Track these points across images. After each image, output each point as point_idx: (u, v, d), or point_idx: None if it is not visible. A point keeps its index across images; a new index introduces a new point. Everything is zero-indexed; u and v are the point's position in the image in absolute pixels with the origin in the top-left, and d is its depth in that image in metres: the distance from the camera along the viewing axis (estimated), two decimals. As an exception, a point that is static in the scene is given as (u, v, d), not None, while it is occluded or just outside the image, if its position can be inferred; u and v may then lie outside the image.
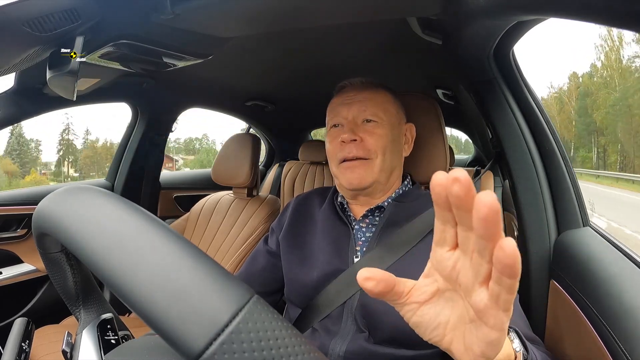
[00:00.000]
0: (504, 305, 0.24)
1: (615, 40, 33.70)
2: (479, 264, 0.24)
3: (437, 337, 0.30)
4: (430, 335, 0.30)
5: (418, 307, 0.30)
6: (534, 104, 0.75)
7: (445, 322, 0.29)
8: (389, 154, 0.66)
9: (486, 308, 0.25)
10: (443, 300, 0.29)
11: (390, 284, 0.28)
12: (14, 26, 0.53)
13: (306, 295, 0.66)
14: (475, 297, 0.25)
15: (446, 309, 0.29)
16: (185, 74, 1.24)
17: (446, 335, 0.29)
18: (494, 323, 0.25)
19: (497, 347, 0.27)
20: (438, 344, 0.30)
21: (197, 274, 0.20)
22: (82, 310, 0.38)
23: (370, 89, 0.69)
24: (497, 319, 0.25)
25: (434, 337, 0.30)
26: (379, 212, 0.68)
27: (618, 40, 34.08)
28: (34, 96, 1.13)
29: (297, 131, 2.40)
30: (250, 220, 1.28)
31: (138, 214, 0.23)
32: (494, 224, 0.22)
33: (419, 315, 0.30)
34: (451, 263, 0.27)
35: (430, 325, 0.29)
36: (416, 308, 0.30)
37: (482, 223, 0.22)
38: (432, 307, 0.29)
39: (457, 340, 0.29)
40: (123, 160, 1.61)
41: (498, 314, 0.25)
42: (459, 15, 0.62)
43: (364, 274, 0.27)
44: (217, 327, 0.18)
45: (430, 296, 0.29)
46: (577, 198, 0.70)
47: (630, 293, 0.47)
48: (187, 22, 0.73)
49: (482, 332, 0.26)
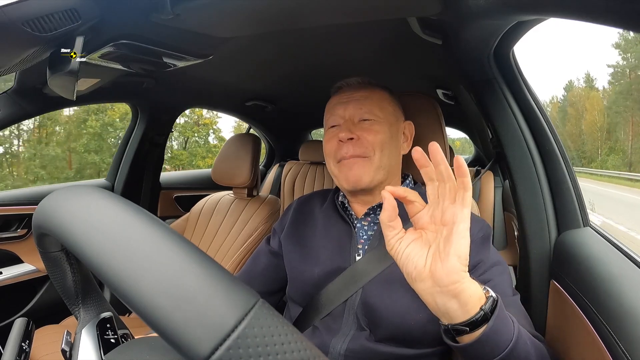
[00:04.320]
0: (466, 202, 0.39)
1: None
2: (442, 188, 0.42)
3: (420, 264, 0.41)
4: (416, 263, 0.41)
5: (410, 242, 0.43)
6: (534, 104, 0.75)
7: (426, 251, 0.42)
8: (387, 151, 0.66)
9: (455, 209, 0.40)
10: (424, 238, 0.43)
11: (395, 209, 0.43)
12: (14, 26, 0.52)
13: (308, 293, 0.66)
14: (448, 210, 0.41)
15: (427, 243, 0.43)
16: (185, 74, 1.24)
17: (427, 261, 0.41)
18: (460, 216, 0.39)
19: (465, 239, 0.39)
20: (420, 274, 0.41)
21: (202, 278, 0.20)
22: (81, 309, 0.38)
23: (367, 87, 0.69)
24: (462, 214, 0.39)
25: (418, 264, 0.41)
26: (380, 210, 0.68)
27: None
28: (34, 96, 1.13)
29: (297, 131, 2.40)
30: (250, 221, 1.28)
31: (142, 216, 0.22)
32: (439, 154, 0.41)
33: (410, 247, 0.43)
34: (428, 213, 0.43)
35: (417, 254, 0.42)
36: (408, 242, 0.43)
37: (432, 156, 0.41)
38: (418, 242, 0.43)
39: (435, 260, 0.40)
40: (123, 160, 1.61)
41: (463, 210, 0.39)
42: (459, 15, 0.62)
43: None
44: (224, 332, 0.18)
45: (417, 237, 0.43)
46: (577, 198, 0.70)
47: (630, 293, 0.47)
48: (187, 22, 0.73)
49: (453, 230, 0.39)
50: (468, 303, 0.39)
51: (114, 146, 13.94)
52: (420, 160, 0.42)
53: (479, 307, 0.40)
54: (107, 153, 13.79)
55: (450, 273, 0.39)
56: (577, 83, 37.88)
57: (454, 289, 0.39)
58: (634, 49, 29.73)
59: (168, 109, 1.67)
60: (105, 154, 13.84)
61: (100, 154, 13.91)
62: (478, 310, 0.40)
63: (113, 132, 14.23)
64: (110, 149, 14.05)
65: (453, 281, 0.39)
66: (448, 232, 0.40)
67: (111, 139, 14.31)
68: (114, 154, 1.68)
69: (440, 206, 0.41)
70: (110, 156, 12.93)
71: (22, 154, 13.55)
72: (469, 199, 0.40)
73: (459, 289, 0.39)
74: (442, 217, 0.41)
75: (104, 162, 13.55)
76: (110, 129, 14.23)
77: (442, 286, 0.39)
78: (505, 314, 0.43)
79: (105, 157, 13.62)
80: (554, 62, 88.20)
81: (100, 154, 13.93)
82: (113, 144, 14.23)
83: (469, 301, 0.40)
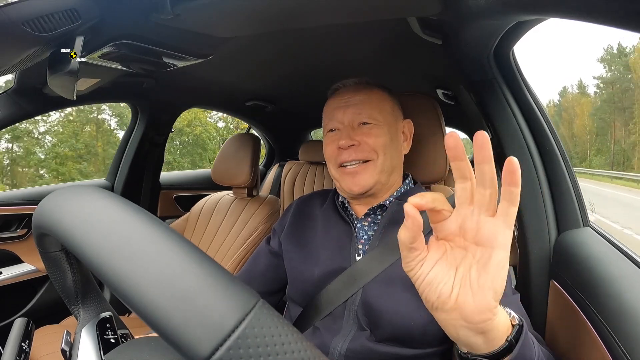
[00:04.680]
0: (509, 221, 0.31)
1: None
2: (481, 194, 0.32)
3: (445, 292, 0.33)
4: (440, 292, 0.34)
5: (434, 263, 0.34)
6: (534, 104, 0.75)
7: (453, 275, 0.34)
8: (389, 154, 0.66)
9: (496, 227, 0.31)
10: (451, 257, 0.35)
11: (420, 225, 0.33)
12: (14, 26, 0.53)
13: (308, 293, 0.66)
14: (484, 226, 0.32)
15: (454, 263, 0.34)
16: (185, 74, 1.24)
17: (454, 289, 0.33)
18: (501, 240, 0.31)
19: (504, 270, 0.31)
20: (444, 304, 0.33)
21: (202, 278, 0.20)
22: (81, 309, 0.38)
23: (365, 89, 0.69)
24: (504, 236, 0.31)
25: (443, 293, 0.33)
26: (380, 210, 0.68)
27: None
28: (34, 96, 1.13)
29: (297, 131, 2.40)
30: (250, 221, 1.28)
31: (142, 216, 0.22)
32: (488, 149, 0.30)
33: (434, 271, 0.34)
34: (456, 222, 0.34)
35: (442, 280, 0.34)
36: (432, 264, 0.34)
37: (480, 149, 0.30)
38: (443, 263, 0.34)
39: (464, 289, 0.33)
40: (123, 160, 1.61)
41: (505, 231, 0.31)
42: (459, 15, 0.62)
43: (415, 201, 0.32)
44: (224, 332, 0.18)
45: (442, 254, 0.35)
46: (577, 198, 0.70)
47: (630, 293, 0.47)
48: (187, 22, 0.73)
49: (491, 257, 0.31)
50: (495, 338, 0.35)
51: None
52: (455, 150, 0.32)
53: (505, 338, 0.35)
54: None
55: (483, 311, 0.32)
56: (571, 89, 41.44)
57: (483, 327, 0.33)
58: (617, 62, 33.12)
59: (168, 109, 1.67)
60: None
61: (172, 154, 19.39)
62: (504, 342, 0.35)
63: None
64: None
65: (484, 319, 0.32)
66: (485, 258, 0.32)
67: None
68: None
69: (476, 218, 0.33)
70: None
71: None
72: (513, 218, 0.31)
73: (488, 327, 0.33)
74: (477, 234, 0.33)
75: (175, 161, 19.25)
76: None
77: (469, 322, 0.33)
78: (528, 338, 0.38)
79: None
80: (551, 68, 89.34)
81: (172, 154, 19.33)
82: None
83: (496, 336, 0.35)
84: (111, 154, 12.67)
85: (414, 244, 0.34)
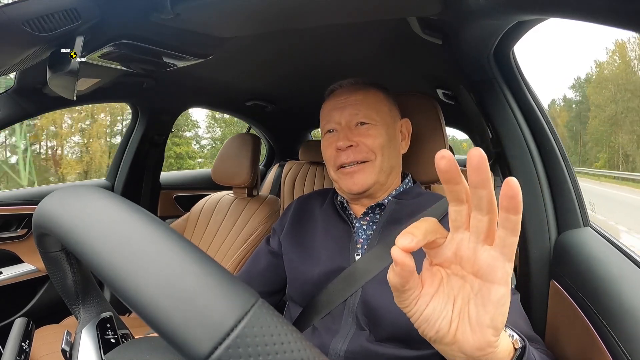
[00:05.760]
0: (509, 253, 0.27)
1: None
2: (478, 220, 0.28)
3: (443, 328, 0.31)
4: (438, 327, 0.31)
5: (430, 298, 0.31)
6: (534, 104, 0.75)
7: (450, 308, 0.31)
8: (387, 154, 0.66)
9: (494, 261, 0.28)
10: (448, 287, 0.31)
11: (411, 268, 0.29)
12: (14, 26, 0.53)
13: (308, 293, 0.66)
14: (481, 257, 0.29)
15: (451, 295, 0.31)
16: (186, 74, 1.24)
17: (452, 323, 0.31)
18: (500, 276, 0.28)
19: (505, 307, 0.29)
20: (442, 339, 0.31)
21: (202, 277, 0.20)
22: (81, 309, 0.38)
23: (362, 90, 0.69)
24: (503, 271, 0.28)
25: (441, 328, 0.31)
26: (379, 209, 0.68)
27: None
28: (34, 96, 1.13)
29: (297, 131, 2.40)
30: (250, 220, 1.28)
31: (142, 216, 0.22)
32: (485, 171, 0.26)
33: (431, 307, 0.31)
34: (450, 248, 0.30)
35: (440, 315, 0.31)
36: (428, 300, 0.31)
37: (476, 171, 0.26)
38: (440, 297, 0.31)
39: (463, 324, 0.30)
40: (123, 160, 1.61)
41: (504, 265, 0.28)
42: (459, 15, 0.62)
43: (401, 245, 0.28)
44: (223, 332, 0.18)
45: (438, 286, 0.32)
46: (577, 198, 0.70)
47: (630, 293, 0.47)
48: (187, 22, 0.73)
49: (490, 294, 0.28)
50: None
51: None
52: (448, 174, 0.27)
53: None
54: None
55: (483, 347, 0.30)
56: (558, 102, 51.57)
57: (483, 359, 0.31)
58: (581, 90, 45.36)
59: (168, 109, 1.67)
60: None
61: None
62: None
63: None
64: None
65: (484, 354, 0.30)
66: (483, 293, 0.29)
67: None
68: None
69: (473, 245, 0.29)
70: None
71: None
72: (514, 249, 0.28)
73: (489, 358, 0.31)
74: (474, 263, 0.29)
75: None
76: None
77: (469, 355, 0.31)
78: (531, 356, 0.37)
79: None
80: (544, 78, 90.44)
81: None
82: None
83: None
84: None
85: (406, 286, 0.30)
